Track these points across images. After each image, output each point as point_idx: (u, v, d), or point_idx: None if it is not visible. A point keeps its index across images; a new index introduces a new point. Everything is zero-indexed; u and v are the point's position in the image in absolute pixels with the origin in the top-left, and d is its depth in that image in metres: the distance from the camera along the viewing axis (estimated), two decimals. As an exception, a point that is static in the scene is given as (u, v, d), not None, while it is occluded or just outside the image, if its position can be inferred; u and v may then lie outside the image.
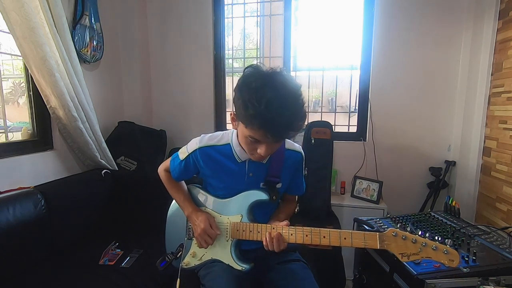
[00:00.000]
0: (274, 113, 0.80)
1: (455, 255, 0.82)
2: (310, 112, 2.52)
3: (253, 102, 0.81)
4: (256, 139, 0.89)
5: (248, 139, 0.91)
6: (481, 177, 1.85)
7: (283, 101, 0.82)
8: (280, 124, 0.83)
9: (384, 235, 0.87)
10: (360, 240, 0.90)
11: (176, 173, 1.15)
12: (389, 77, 2.13)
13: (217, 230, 1.04)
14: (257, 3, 2.59)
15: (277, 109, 0.81)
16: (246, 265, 1.02)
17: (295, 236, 0.95)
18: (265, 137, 0.86)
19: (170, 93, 2.53)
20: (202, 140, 1.07)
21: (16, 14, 1.41)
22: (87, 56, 1.96)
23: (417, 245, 0.84)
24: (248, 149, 0.95)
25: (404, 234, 0.86)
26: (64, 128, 1.75)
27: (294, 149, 1.11)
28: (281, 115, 0.81)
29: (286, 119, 0.83)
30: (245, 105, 0.83)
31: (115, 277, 1.32)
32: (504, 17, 1.68)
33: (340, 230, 0.92)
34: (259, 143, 0.90)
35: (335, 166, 2.17)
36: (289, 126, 0.85)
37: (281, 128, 0.84)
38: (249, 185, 1.05)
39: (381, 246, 0.87)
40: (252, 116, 0.82)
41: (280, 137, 0.89)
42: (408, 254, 0.85)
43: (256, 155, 0.94)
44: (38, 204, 1.45)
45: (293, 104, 0.84)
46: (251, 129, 0.87)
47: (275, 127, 0.83)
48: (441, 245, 0.83)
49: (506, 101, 1.64)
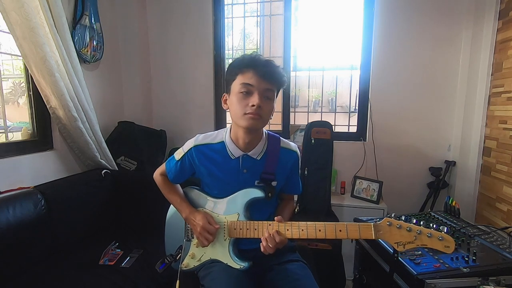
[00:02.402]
0: (258, 57, 0.99)
1: (450, 241, 0.81)
2: (310, 112, 2.52)
3: (239, 58, 1.01)
4: (248, 84, 0.96)
5: (240, 94, 0.97)
6: (481, 177, 1.85)
7: (265, 58, 1.01)
8: (265, 63, 0.97)
9: (379, 225, 0.88)
10: (355, 231, 0.90)
11: (172, 174, 1.15)
12: (389, 77, 2.13)
13: (216, 224, 1.04)
14: (257, 3, 2.59)
15: (260, 56, 1.00)
16: (244, 263, 1.02)
17: (291, 231, 0.95)
18: (255, 75, 0.96)
19: (170, 93, 2.53)
20: (197, 139, 1.10)
21: (16, 14, 1.41)
22: (87, 56, 1.96)
23: (412, 233, 0.84)
24: (241, 108, 0.98)
25: (398, 223, 0.86)
26: (64, 128, 1.75)
27: (289, 148, 1.12)
28: (265, 59, 0.99)
29: (270, 62, 0.99)
30: (233, 64, 1.01)
31: (115, 277, 1.31)
32: (504, 17, 1.68)
33: (335, 223, 0.92)
34: (251, 94, 0.97)
35: (335, 166, 2.17)
36: (273, 67, 0.99)
37: (266, 67, 0.97)
38: (244, 182, 1.06)
39: (376, 237, 0.87)
40: (242, 60, 0.99)
41: (268, 73, 0.97)
42: (404, 243, 0.85)
43: (249, 110, 0.96)
44: (38, 204, 1.45)
45: (274, 61, 1.01)
46: (241, 74, 0.98)
47: (261, 63, 0.97)
48: (436, 232, 0.83)
49: (506, 101, 1.64)
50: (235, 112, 1.00)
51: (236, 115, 1.00)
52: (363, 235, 0.89)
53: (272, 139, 1.10)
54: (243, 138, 1.03)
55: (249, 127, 0.98)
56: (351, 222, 0.92)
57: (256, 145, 1.06)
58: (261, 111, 0.96)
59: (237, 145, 1.05)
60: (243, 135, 1.03)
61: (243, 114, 0.97)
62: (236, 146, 1.05)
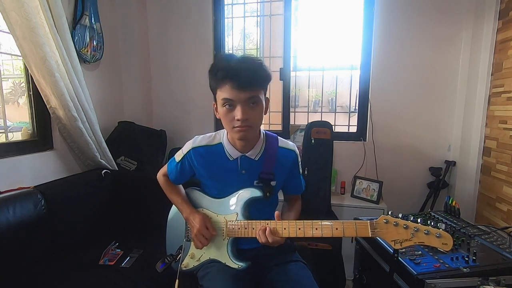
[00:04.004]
0: (234, 62, 0.93)
1: (448, 238, 0.80)
2: (310, 112, 2.52)
3: (216, 64, 0.96)
4: (228, 98, 0.92)
5: (224, 108, 0.95)
6: (481, 177, 1.85)
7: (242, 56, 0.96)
8: (242, 70, 0.90)
9: (375, 223, 0.87)
10: (351, 229, 0.89)
11: (173, 175, 1.16)
12: (389, 77, 2.13)
13: (213, 231, 1.04)
14: (257, 3, 2.59)
15: (237, 60, 0.94)
16: (242, 263, 1.02)
17: (288, 230, 0.95)
18: (232, 89, 0.91)
19: (170, 93, 2.53)
20: (195, 141, 1.10)
21: (16, 14, 1.41)
22: (87, 56, 1.96)
23: (409, 230, 0.83)
24: (228, 122, 0.96)
25: (395, 221, 0.85)
26: (64, 128, 1.75)
27: (287, 147, 1.12)
28: (242, 62, 0.93)
29: (247, 65, 0.92)
30: (211, 72, 0.96)
31: (115, 277, 1.31)
32: (504, 17, 1.68)
33: (332, 221, 0.92)
34: (234, 108, 0.94)
35: (335, 166, 2.17)
36: (251, 71, 0.91)
37: (243, 73, 0.90)
38: (243, 183, 1.06)
39: (373, 234, 0.86)
40: (216, 72, 0.93)
41: (245, 83, 0.91)
42: (401, 241, 0.84)
43: (236, 124, 0.94)
44: (38, 204, 1.45)
45: (252, 58, 0.95)
46: (219, 89, 0.94)
47: (237, 73, 0.90)
48: (433, 229, 0.81)
49: (506, 101, 1.64)
50: (225, 125, 1.00)
51: (226, 128, 1.01)
52: (360, 233, 0.88)
53: (270, 139, 1.10)
54: (239, 142, 1.03)
55: (240, 138, 0.99)
56: (348, 221, 0.91)
57: (254, 146, 1.06)
58: (248, 122, 0.94)
59: (235, 146, 1.05)
60: (238, 140, 1.03)
61: (231, 128, 0.97)
62: (234, 147, 1.05)
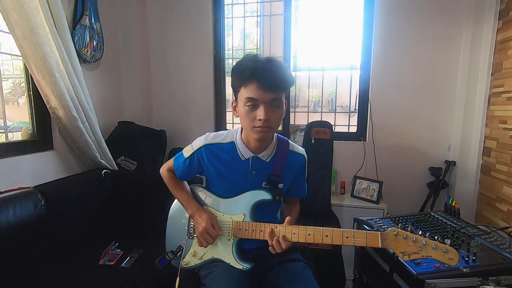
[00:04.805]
0: (262, 63, 0.93)
1: (454, 254, 0.83)
2: (310, 112, 2.52)
3: (243, 63, 0.95)
4: (253, 98, 0.93)
5: (246, 107, 0.95)
6: (481, 177, 1.85)
7: (269, 59, 0.96)
8: (269, 71, 0.91)
9: (385, 234, 0.88)
10: (362, 239, 0.90)
11: (180, 171, 1.15)
12: (389, 77, 2.13)
13: (219, 230, 1.04)
14: (257, 3, 2.59)
15: (264, 61, 0.94)
16: (247, 264, 1.02)
17: (297, 235, 0.95)
18: (258, 88, 0.91)
19: (170, 93, 2.53)
20: (207, 137, 1.09)
21: (16, 14, 1.41)
22: (87, 56, 1.96)
23: (418, 244, 0.86)
24: (249, 121, 0.96)
25: (405, 233, 0.87)
26: (64, 128, 1.75)
27: (297, 151, 1.12)
28: (269, 64, 0.93)
29: (273, 67, 0.93)
30: (237, 71, 0.95)
31: (115, 277, 1.31)
32: (504, 17, 1.68)
33: (342, 229, 0.93)
34: (257, 107, 0.94)
35: (335, 166, 2.17)
36: (277, 73, 0.92)
37: (269, 76, 0.91)
38: (252, 183, 1.06)
39: (383, 245, 0.88)
40: (243, 71, 0.93)
41: (271, 84, 0.92)
42: (409, 253, 0.86)
43: (257, 124, 0.95)
44: (38, 204, 1.45)
45: (279, 61, 0.96)
46: (244, 87, 0.94)
47: (263, 72, 0.91)
48: (441, 244, 0.85)
49: (506, 101, 1.64)
50: (244, 124, 1.00)
51: (245, 127, 1.00)
52: (370, 243, 0.89)
53: (281, 142, 1.10)
54: (254, 142, 1.03)
55: (259, 139, 1.00)
56: (358, 230, 0.92)
57: (266, 148, 1.06)
58: (269, 123, 0.95)
59: (248, 147, 1.05)
60: (254, 141, 1.03)
61: (252, 128, 0.97)
62: (247, 147, 1.05)
